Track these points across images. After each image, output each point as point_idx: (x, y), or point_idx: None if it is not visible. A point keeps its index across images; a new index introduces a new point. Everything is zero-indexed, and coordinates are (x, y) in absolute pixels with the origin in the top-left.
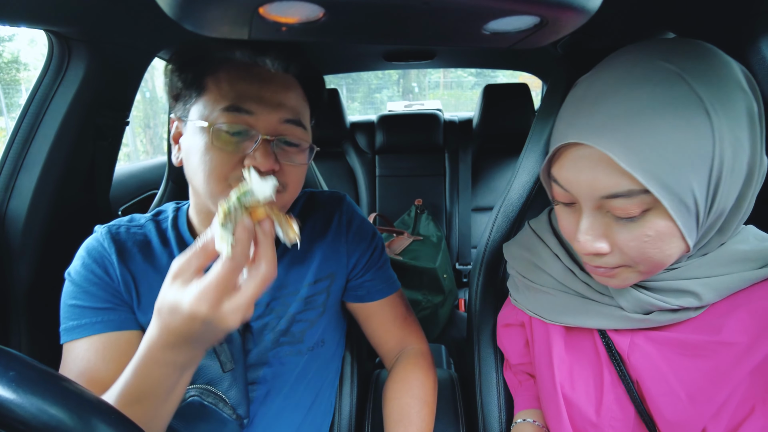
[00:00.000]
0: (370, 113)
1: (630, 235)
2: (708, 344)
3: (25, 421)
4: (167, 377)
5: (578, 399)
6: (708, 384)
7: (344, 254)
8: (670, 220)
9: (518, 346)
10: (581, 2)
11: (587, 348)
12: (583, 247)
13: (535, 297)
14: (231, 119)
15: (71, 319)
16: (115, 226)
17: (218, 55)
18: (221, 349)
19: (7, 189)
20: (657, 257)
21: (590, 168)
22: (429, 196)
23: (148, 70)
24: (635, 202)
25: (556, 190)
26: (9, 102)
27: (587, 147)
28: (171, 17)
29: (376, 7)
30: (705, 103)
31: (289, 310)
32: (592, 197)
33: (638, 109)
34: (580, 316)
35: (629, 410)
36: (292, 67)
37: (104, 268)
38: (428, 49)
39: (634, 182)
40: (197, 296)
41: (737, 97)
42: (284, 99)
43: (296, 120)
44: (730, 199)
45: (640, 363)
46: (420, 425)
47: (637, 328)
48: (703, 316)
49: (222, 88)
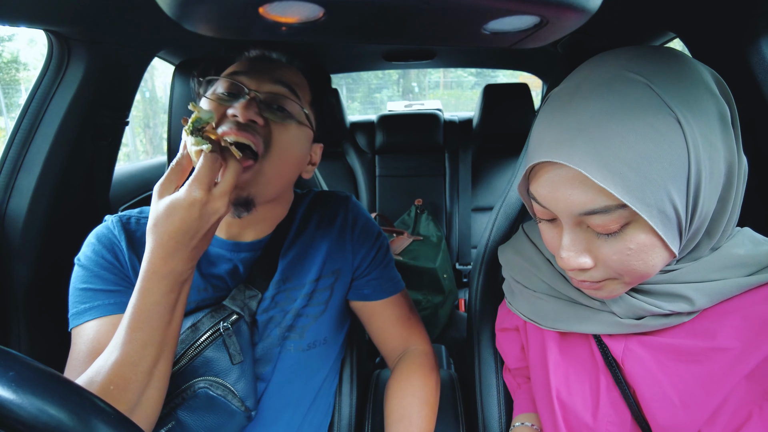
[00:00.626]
0: (370, 113)
1: (611, 249)
2: (701, 350)
3: (25, 421)
4: (167, 293)
5: (575, 404)
6: (701, 390)
7: (349, 252)
8: (651, 233)
9: (515, 350)
10: (581, 2)
11: (583, 353)
12: (567, 263)
13: (529, 301)
14: (227, 84)
15: (83, 302)
16: (125, 216)
17: (234, 54)
18: (230, 342)
19: (6, 189)
20: (641, 269)
21: (565, 186)
22: (429, 196)
23: (148, 70)
24: (613, 217)
25: (536, 207)
26: (9, 102)
27: (559, 164)
28: (171, 17)
29: (376, 7)
30: (675, 112)
31: (294, 305)
32: (571, 214)
33: (609, 123)
34: (572, 321)
35: (625, 415)
36: (296, 60)
37: (114, 253)
38: (428, 49)
39: (611, 198)
40: (190, 184)
41: (707, 102)
42: (282, 73)
43: (290, 86)
44: (712, 203)
45: (634, 368)
46: (421, 425)
47: (630, 333)
48: (696, 321)
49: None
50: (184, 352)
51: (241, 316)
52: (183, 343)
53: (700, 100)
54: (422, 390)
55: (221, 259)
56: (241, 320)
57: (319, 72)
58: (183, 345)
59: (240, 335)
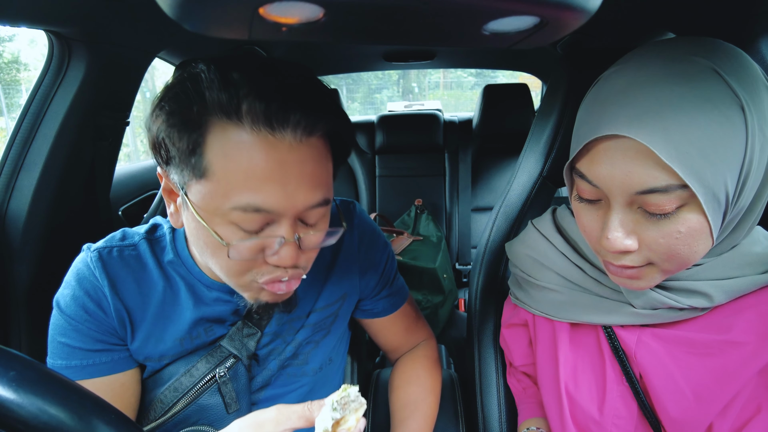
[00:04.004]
0: (370, 113)
1: (660, 232)
2: (716, 343)
3: (25, 421)
4: None
5: (581, 397)
6: (715, 383)
7: (356, 273)
8: (702, 216)
9: (522, 346)
10: (581, 2)
11: (590, 344)
12: (613, 244)
13: (540, 295)
14: (249, 220)
15: (59, 357)
16: (106, 249)
17: (222, 117)
18: (226, 390)
19: (7, 189)
20: (685, 254)
21: (626, 162)
22: (429, 196)
23: (148, 70)
24: (671, 197)
25: (583, 186)
26: (9, 102)
27: (623, 139)
28: (171, 17)
29: (376, 7)
30: (741, 99)
31: (297, 337)
32: (626, 192)
33: (677, 103)
34: (587, 312)
35: (633, 408)
36: (319, 126)
37: (97, 301)
38: (428, 50)
39: (673, 177)
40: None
41: (763, 94)
42: (310, 180)
43: (324, 201)
44: (751, 196)
45: (646, 360)
46: (426, 411)
47: (644, 325)
48: (711, 315)
49: (232, 175)
50: (177, 400)
51: (238, 358)
52: (176, 391)
53: (759, 91)
54: (427, 379)
55: (219, 302)
56: (239, 363)
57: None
58: (176, 393)
59: (236, 380)
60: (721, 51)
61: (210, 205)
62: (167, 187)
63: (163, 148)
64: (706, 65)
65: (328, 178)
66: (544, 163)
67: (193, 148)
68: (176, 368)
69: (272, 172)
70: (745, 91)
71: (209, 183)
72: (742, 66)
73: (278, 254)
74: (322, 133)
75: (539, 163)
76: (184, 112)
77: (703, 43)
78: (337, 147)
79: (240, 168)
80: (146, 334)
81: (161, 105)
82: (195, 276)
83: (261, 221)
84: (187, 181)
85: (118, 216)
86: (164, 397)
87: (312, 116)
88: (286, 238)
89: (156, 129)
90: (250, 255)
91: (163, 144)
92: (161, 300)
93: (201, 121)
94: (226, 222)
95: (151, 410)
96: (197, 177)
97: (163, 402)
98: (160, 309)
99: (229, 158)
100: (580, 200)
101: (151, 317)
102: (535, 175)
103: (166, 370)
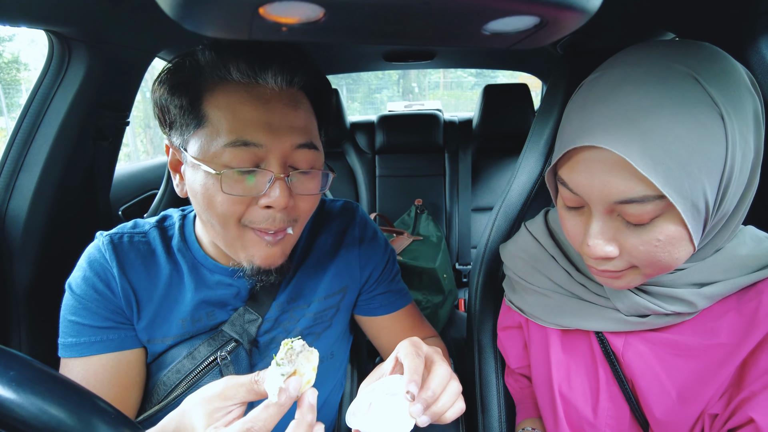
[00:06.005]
0: (370, 113)
1: (640, 239)
2: (702, 346)
3: (25, 421)
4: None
5: (576, 399)
6: (697, 383)
7: (357, 268)
8: (681, 225)
9: (517, 349)
10: (581, 2)
11: (583, 347)
12: (593, 251)
13: (531, 299)
14: (239, 157)
15: (70, 335)
16: (117, 235)
17: (214, 75)
18: (228, 373)
19: (7, 189)
20: (665, 261)
21: (604, 172)
22: (429, 196)
23: (148, 70)
24: (649, 207)
25: (565, 193)
26: (9, 102)
27: (600, 150)
28: (171, 17)
29: (376, 7)
30: (719, 107)
31: (298, 325)
32: (605, 202)
33: (654, 112)
34: (576, 318)
35: (624, 409)
36: (297, 79)
37: (106, 282)
38: (428, 50)
39: (650, 188)
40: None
41: (746, 99)
42: (293, 120)
43: (308, 143)
44: (735, 201)
45: (633, 362)
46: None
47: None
48: (699, 319)
49: (224, 118)
50: (179, 382)
51: (239, 342)
52: (178, 373)
53: (741, 97)
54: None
55: (221, 285)
56: (240, 347)
57: (322, 86)
58: (178, 375)
59: (238, 363)
60: (702, 56)
61: (206, 151)
62: (173, 159)
63: (165, 111)
64: (685, 72)
65: (313, 127)
66: (544, 163)
67: (190, 103)
68: (179, 351)
69: (257, 110)
70: (725, 97)
71: (204, 130)
72: (724, 71)
73: (269, 195)
74: (302, 86)
75: (539, 163)
76: (181, 76)
77: (685, 48)
78: (317, 104)
79: (230, 111)
80: (152, 315)
81: (162, 77)
82: (199, 260)
83: (251, 158)
84: (186, 137)
85: (118, 216)
86: (167, 379)
87: (288, 65)
88: (275, 173)
89: (158, 96)
90: (242, 191)
91: (165, 107)
92: (167, 283)
93: (196, 80)
94: (220, 166)
95: (154, 393)
96: (194, 128)
97: (166, 384)
98: (166, 292)
99: (221, 106)
100: (564, 206)
101: (158, 299)
102: (535, 175)
103: (169, 354)
